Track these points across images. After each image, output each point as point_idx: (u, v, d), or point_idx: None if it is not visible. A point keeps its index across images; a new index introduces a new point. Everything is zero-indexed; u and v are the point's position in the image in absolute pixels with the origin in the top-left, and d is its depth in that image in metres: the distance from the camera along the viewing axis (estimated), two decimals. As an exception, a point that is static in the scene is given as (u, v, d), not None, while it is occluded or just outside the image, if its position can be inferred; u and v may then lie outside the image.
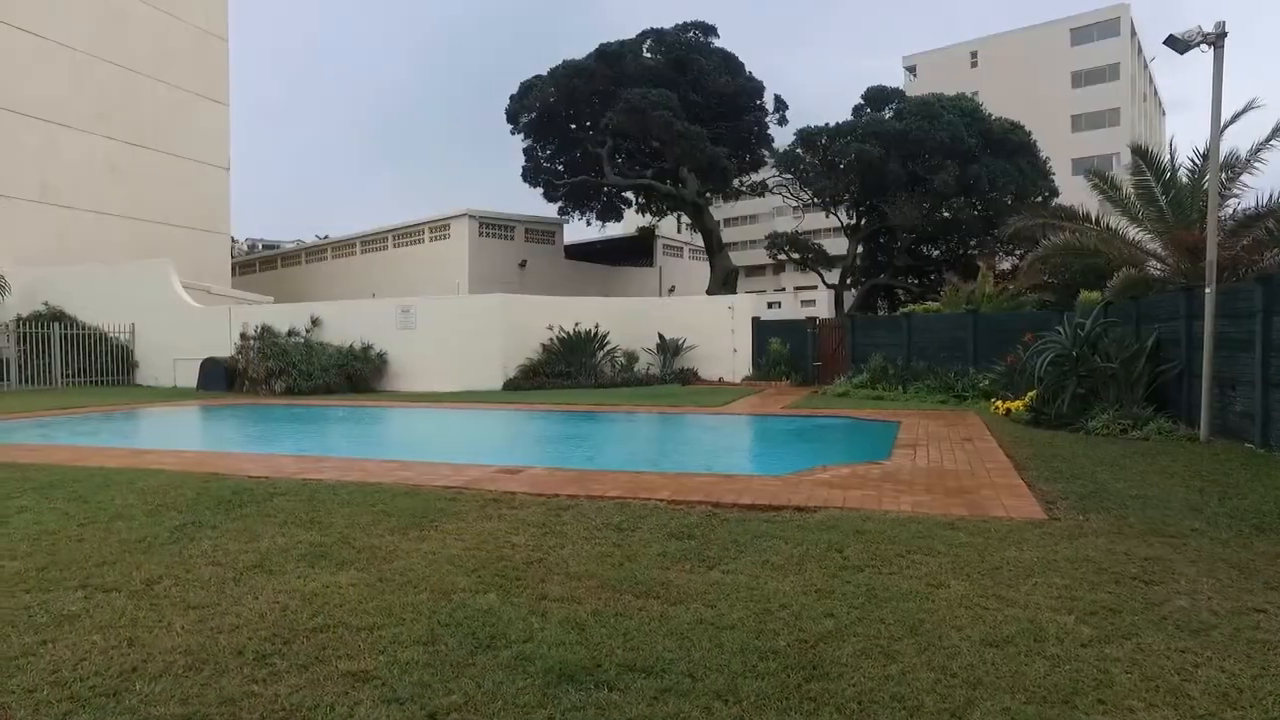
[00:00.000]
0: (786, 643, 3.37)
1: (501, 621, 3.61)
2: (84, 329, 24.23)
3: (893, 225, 31.82)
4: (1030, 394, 11.75)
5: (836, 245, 43.18)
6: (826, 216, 38.17)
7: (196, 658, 3.23)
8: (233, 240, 40.40)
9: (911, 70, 67.03)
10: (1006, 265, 31.47)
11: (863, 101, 34.55)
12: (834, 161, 32.28)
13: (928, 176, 30.66)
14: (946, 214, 32.26)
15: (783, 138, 36.89)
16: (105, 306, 24.67)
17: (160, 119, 31.64)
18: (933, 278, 36.10)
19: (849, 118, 33.68)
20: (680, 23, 33.79)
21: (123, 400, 18.67)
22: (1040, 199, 31.64)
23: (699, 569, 4.41)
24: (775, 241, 36.94)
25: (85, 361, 24.05)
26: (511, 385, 19.80)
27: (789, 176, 35.36)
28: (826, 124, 32.66)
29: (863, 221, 35.07)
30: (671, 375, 21.62)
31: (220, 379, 21.32)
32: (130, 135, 30.59)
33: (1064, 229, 15.32)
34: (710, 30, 34.11)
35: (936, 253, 35.99)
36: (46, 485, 6.86)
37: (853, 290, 36.68)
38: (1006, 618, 3.64)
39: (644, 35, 33.12)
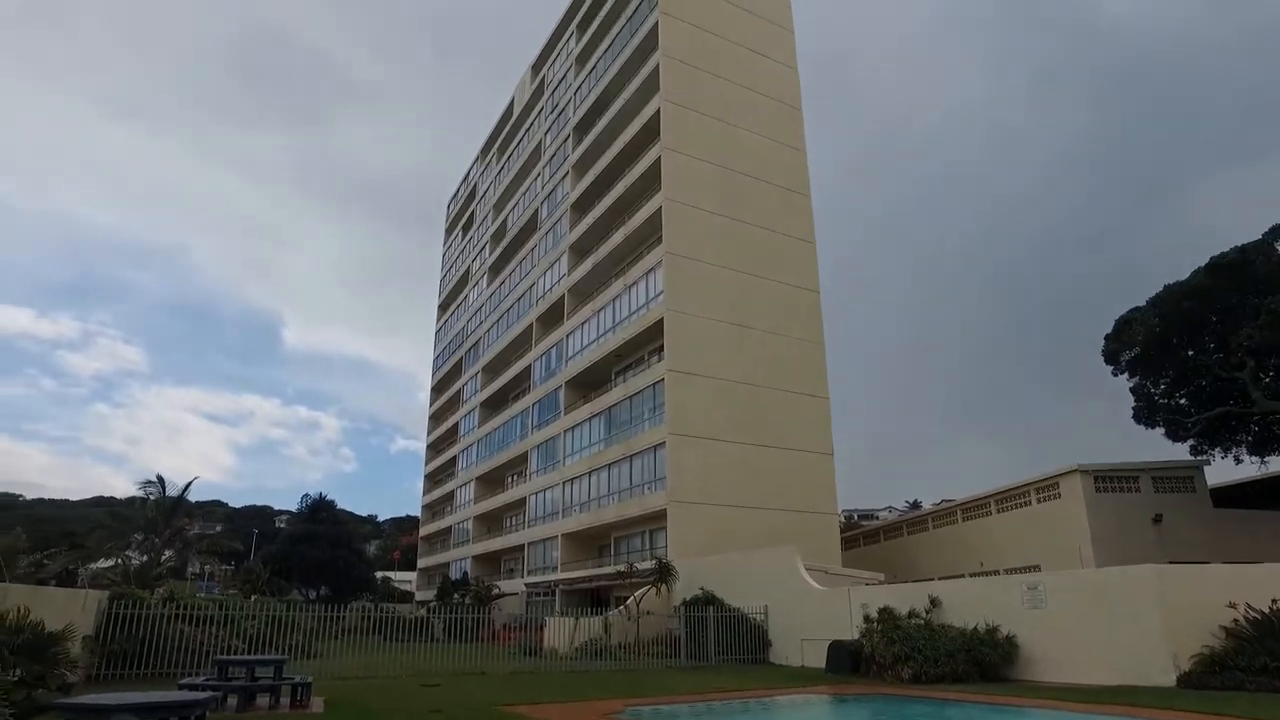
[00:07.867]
0: None
1: None
2: (729, 611, 27.71)
3: None
4: None
5: None
6: None
7: None
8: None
9: None
10: None
11: None
12: None
13: None
14: None
15: None
16: (742, 590, 28.10)
17: (778, 421, 37.36)
18: None
19: None
20: (1320, 206, 27.86)
21: (768, 683, 20.15)
22: None
23: None
24: None
25: (730, 640, 27.15)
26: (1190, 682, 15.78)
27: None
28: None
29: None
30: None
31: (846, 662, 21.73)
32: (755, 438, 36.55)
33: None
34: (1370, 203, 27.28)
35: None
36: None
37: None
38: None
39: (1272, 233, 28.01)
